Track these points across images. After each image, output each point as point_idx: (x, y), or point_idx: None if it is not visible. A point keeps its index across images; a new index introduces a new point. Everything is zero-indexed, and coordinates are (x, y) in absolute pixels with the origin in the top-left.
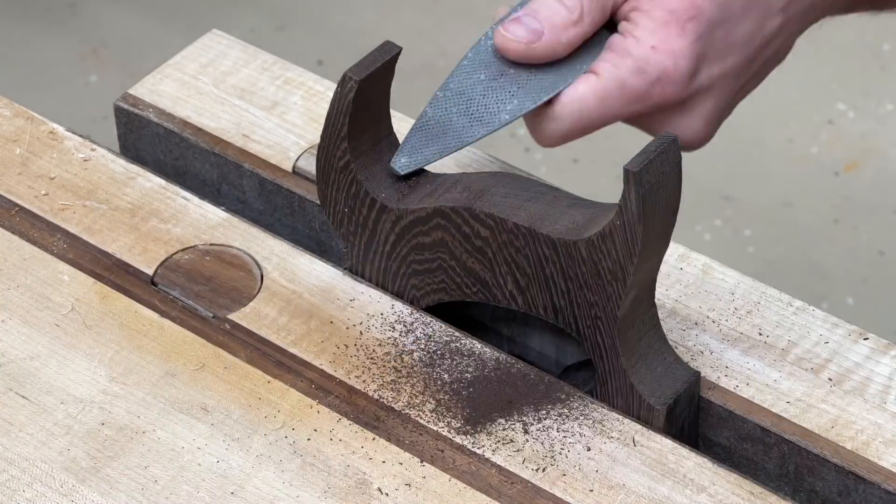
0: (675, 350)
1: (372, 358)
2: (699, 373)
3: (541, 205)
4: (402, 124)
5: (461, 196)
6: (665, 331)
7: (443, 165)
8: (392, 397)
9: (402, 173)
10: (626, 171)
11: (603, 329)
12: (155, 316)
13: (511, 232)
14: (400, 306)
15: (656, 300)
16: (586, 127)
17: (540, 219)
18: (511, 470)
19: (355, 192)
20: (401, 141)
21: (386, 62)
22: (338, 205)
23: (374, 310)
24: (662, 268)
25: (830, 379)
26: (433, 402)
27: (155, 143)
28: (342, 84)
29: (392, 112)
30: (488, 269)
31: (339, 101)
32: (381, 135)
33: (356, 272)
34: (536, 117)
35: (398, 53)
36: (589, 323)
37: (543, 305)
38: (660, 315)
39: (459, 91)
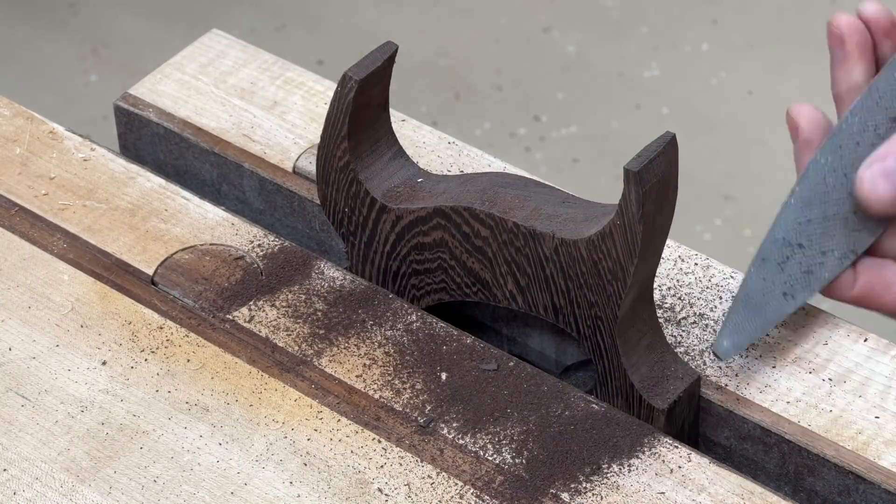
0: (675, 350)
1: (372, 358)
2: (699, 374)
3: (540, 204)
4: (402, 125)
5: (460, 195)
6: (665, 331)
7: (441, 166)
8: (392, 397)
9: (725, 359)
10: (627, 171)
11: (603, 329)
12: (155, 316)
13: (511, 232)
14: (401, 307)
15: (656, 300)
16: None
17: (539, 218)
18: (512, 470)
19: (355, 192)
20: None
21: (385, 61)
22: (338, 205)
23: (373, 310)
24: (662, 268)
25: (830, 379)
26: (433, 401)
27: (155, 143)
28: (342, 84)
29: (392, 112)
30: (488, 269)
31: (340, 101)
32: (381, 134)
33: (356, 272)
34: None
35: (396, 51)
36: (589, 323)
37: (543, 305)
38: (660, 315)
39: (787, 242)
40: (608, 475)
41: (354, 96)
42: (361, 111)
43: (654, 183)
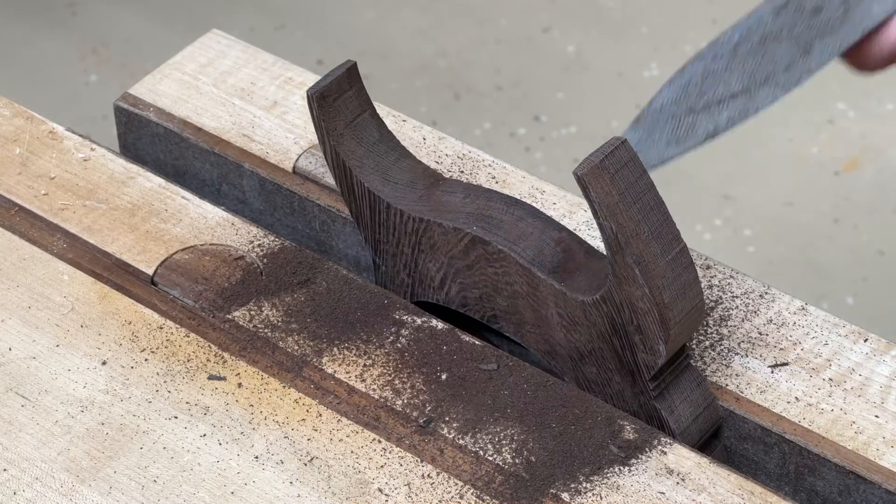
0: None
1: (372, 358)
2: (722, 417)
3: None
4: (402, 125)
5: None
6: None
7: (441, 166)
8: (392, 397)
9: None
10: (576, 176)
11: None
12: (155, 316)
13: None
14: (400, 307)
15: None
16: None
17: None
18: (512, 470)
19: (371, 202)
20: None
21: (342, 74)
22: (362, 213)
23: (374, 309)
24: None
25: (831, 379)
26: (433, 401)
27: (155, 143)
28: (308, 104)
29: (392, 112)
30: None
31: (316, 120)
32: (374, 138)
33: (385, 285)
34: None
35: (354, 65)
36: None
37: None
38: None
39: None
40: (608, 475)
41: (319, 110)
42: (335, 121)
43: (605, 176)
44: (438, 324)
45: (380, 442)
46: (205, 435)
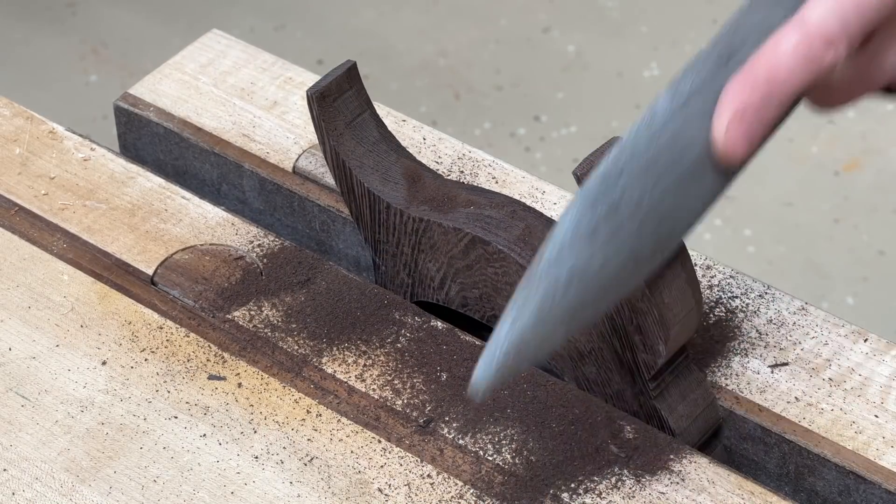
0: None
1: (372, 358)
2: (722, 418)
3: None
4: (402, 125)
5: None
6: None
7: (441, 166)
8: (392, 397)
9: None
10: (576, 176)
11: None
12: (155, 316)
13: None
14: (400, 307)
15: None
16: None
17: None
18: (512, 470)
19: (371, 202)
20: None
21: (342, 74)
22: (363, 213)
23: (373, 309)
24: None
25: (831, 379)
26: (433, 401)
27: (155, 143)
28: (308, 104)
29: (392, 112)
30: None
31: (313, 120)
32: (374, 138)
33: (384, 284)
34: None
35: (354, 65)
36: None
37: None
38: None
39: None
40: (608, 475)
41: (319, 110)
42: (335, 121)
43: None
44: (438, 324)
45: (380, 442)
46: (205, 435)
